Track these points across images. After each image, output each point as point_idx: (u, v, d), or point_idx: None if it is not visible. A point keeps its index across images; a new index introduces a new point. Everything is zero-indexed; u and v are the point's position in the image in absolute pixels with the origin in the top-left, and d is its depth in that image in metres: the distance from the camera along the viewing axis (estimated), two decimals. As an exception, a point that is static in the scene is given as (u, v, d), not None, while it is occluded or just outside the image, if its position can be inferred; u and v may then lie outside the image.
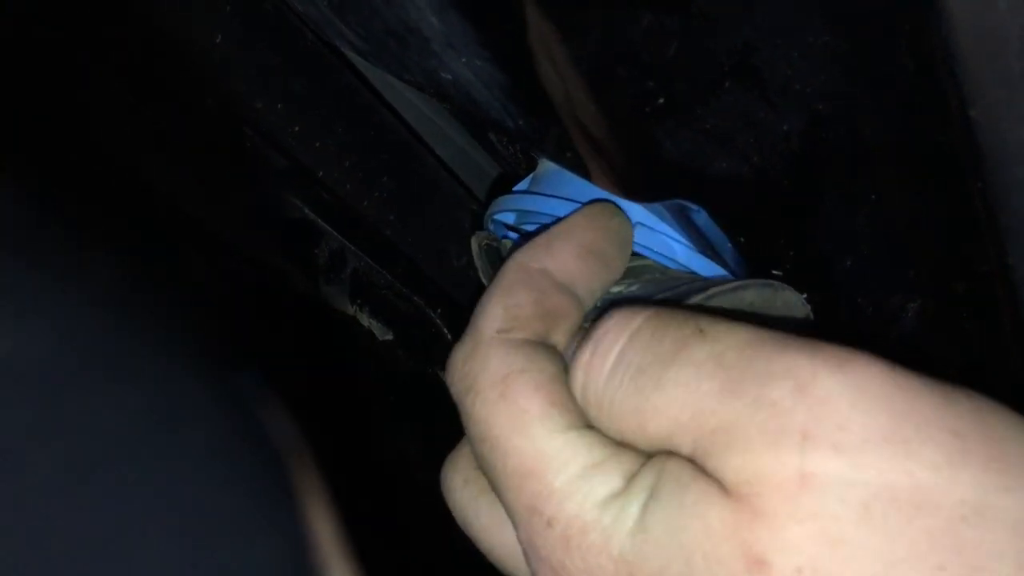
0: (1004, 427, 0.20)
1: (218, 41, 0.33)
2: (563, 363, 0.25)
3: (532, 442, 0.23)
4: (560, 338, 0.26)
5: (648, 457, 0.22)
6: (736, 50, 0.25)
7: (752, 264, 0.30)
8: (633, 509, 0.21)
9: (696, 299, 0.27)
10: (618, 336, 0.23)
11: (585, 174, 0.28)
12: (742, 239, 0.29)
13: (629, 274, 0.29)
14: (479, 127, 0.36)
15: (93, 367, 0.11)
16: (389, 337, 0.37)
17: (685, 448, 0.21)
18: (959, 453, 0.19)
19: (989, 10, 0.18)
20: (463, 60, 0.25)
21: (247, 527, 0.12)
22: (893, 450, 0.19)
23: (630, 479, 0.22)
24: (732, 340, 0.21)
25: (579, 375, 0.23)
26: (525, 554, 0.23)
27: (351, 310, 0.36)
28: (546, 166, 0.32)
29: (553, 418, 0.23)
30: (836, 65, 0.24)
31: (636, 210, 0.29)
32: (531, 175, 0.33)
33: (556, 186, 0.31)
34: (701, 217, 0.28)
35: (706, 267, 0.30)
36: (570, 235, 0.27)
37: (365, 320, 0.36)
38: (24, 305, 0.11)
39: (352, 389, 0.36)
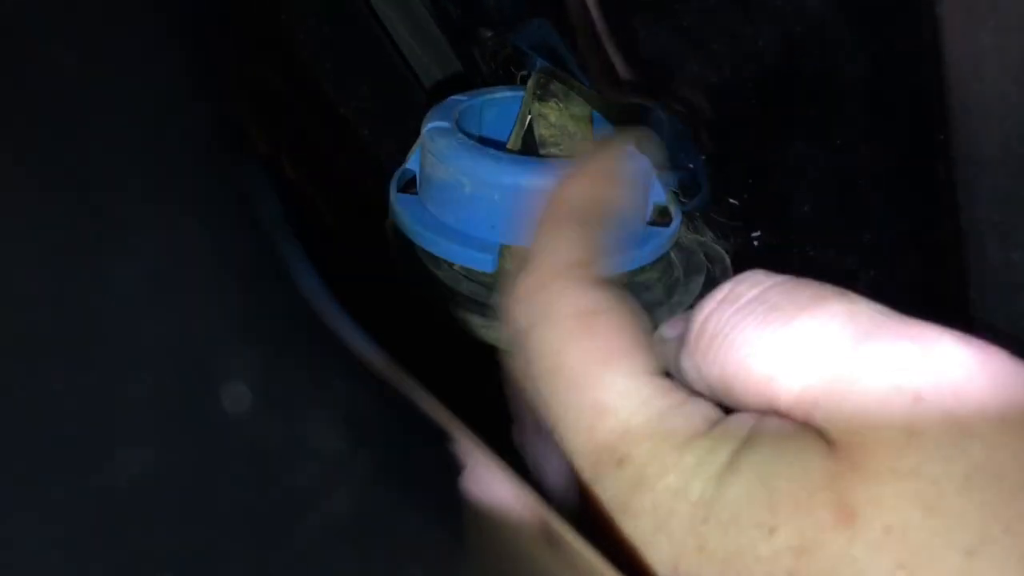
0: None
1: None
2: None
3: (613, 378, 0.22)
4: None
5: (726, 413, 0.22)
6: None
7: (712, 189, 0.31)
8: (722, 454, 0.21)
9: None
10: (759, 281, 0.22)
11: (563, 67, 0.28)
12: (704, 158, 0.29)
13: None
14: (463, 28, 0.36)
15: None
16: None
17: (787, 395, 0.21)
18: None
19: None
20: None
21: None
22: (1006, 428, 0.18)
23: (713, 425, 0.21)
24: (868, 305, 0.21)
25: (709, 305, 0.23)
26: (581, 491, 0.23)
27: (308, 187, 0.36)
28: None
29: (637, 359, 0.22)
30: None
31: None
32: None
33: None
34: (666, 127, 0.28)
35: None
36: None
37: (309, 188, 0.36)
38: None
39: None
